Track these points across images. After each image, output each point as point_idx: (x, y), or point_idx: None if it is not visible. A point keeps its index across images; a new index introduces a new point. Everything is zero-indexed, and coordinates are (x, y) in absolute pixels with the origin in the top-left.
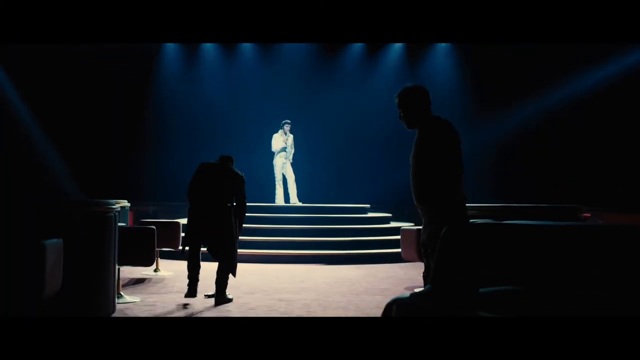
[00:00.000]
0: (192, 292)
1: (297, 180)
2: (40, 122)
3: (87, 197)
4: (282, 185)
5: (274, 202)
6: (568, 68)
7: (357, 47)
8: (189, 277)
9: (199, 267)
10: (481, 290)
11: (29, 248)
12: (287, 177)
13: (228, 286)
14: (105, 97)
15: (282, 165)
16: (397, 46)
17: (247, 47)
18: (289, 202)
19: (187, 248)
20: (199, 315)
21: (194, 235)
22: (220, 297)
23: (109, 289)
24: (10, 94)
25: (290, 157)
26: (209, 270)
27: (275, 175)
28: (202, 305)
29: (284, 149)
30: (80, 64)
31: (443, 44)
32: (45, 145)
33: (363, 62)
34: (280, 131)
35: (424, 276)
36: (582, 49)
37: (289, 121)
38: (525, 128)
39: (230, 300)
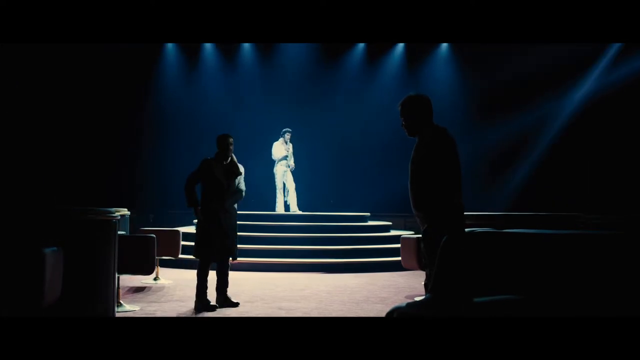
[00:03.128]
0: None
1: (296, 189)
2: (39, 128)
3: (87, 205)
4: (282, 194)
5: (274, 210)
6: (568, 74)
7: (357, 54)
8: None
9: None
10: (480, 299)
11: (28, 256)
12: (287, 185)
13: (230, 292)
14: (105, 106)
15: (283, 174)
16: (397, 54)
17: (247, 56)
18: (289, 211)
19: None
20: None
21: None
22: (224, 297)
23: (108, 298)
24: (8, 98)
25: (292, 162)
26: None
27: (276, 183)
28: (202, 313)
29: (285, 157)
30: (79, 70)
31: (443, 52)
32: (44, 151)
33: (363, 70)
34: (281, 139)
35: (425, 285)
36: (582, 56)
37: (289, 129)
38: (524, 135)
39: (236, 304)
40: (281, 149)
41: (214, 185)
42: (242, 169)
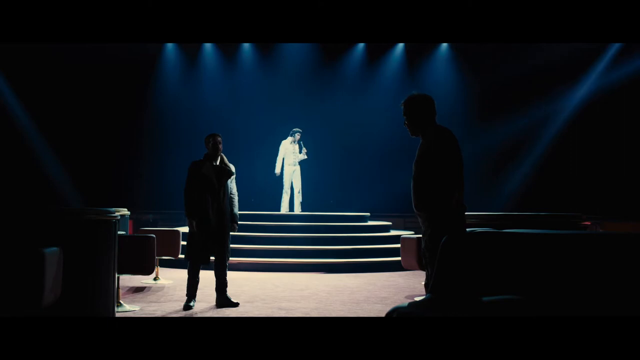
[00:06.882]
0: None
1: (300, 190)
2: (39, 128)
3: (86, 205)
4: (288, 194)
5: (278, 210)
6: (569, 74)
7: (358, 54)
8: (189, 292)
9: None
10: (484, 299)
11: (28, 256)
12: (294, 186)
13: (230, 292)
14: (105, 105)
15: (292, 173)
16: (397, 54)
17: (247, 56)
18: (293, 211)
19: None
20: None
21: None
22: (224, 297)
23: (108, 298)
24: (9, 99)
25: (303, 151)
26: (207, 279)
27: (284, 183)
28: (202, 313)
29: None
30: (79, 70)
31: (443, 52)
32: (44, 152)
33: (363, 70)
34: (290, 138)
35: (425, 285)
36: (582, 56)
37: (299, 129)
38: (524, 135)
39: (236, 304)
40: (286, 147)
41: (206, 187)
42: (232, 169)
